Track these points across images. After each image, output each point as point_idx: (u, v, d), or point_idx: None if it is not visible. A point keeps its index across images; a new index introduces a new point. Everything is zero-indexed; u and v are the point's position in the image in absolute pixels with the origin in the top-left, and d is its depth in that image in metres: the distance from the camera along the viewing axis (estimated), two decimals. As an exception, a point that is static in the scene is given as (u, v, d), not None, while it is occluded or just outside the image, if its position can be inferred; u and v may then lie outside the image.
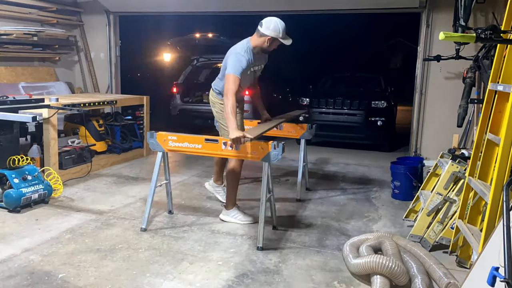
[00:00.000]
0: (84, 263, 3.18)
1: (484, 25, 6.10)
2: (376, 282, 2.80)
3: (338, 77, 10.02)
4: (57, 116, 5.10)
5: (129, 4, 7.95)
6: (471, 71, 4.91)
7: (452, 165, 3.69)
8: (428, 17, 6.55)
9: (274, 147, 3.49)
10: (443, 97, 6.58)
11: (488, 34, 2.50)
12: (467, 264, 3.21)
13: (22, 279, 2.91)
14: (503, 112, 2.90)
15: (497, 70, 3.10)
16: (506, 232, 1.72)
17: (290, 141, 7.61)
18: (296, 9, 7.40)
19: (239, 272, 3.12)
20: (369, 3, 6.87)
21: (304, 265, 3.27)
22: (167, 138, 3.82)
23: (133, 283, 2.91)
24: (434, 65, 6.57)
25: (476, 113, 4.79)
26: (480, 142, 3.25)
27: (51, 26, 7.77)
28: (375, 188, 5.53)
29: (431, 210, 3.68)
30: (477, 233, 2.96)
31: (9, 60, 7.17)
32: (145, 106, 6.96)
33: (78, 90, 8.43)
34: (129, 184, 5.36)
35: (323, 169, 6.57)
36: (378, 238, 3.35)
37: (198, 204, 4.67)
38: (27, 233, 3.71)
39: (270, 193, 3.78)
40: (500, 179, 2.65)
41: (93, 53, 8.49)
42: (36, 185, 4.34)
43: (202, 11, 8.00)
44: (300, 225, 4.15)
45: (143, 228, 3.84)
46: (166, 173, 4.15)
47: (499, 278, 1.70)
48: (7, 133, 4.49)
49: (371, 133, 7.90)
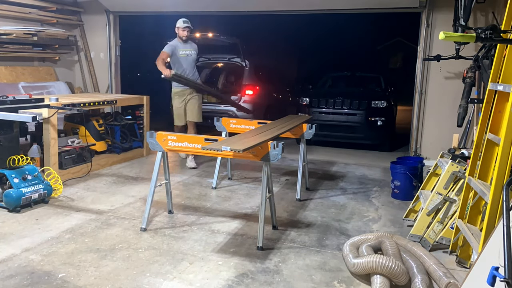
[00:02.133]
0: (84, 263, 3.18)
1: (484, 25, 6.10)
2: (376, 282, 2.80)
3: (338, 76, 10.01)
4: (57, 116, 5.10)
5: (129, 4, 7.95)
6: (471, 71, 4.92)
7: (452, 165, 3.70)
8: (428, 17, 6.55)
9: (273, 147, 3.49)
10: (443, 97, 6.58)
11: (488, 33, 2.50)
12: (467, 264, 3.21)
13: (22, 279, 2.92)
14: (503, 112, 2.90)
15: (497, 70, 3.10)
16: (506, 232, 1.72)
17: (290, 141, 7.62)
18: (296, 9, 7.40)
19: (239, 272, 3.12)
20: (369, 3, 6.87)
21: (304, 265, 3.27)
22: (166, 138, 3.82)
23: (133, 283, 2.91)
24: (434, 65, 6.57)
25: (476, 113, 4.79)
26: (480, 142, 3.25)
27: (51, 26, 7.78)
28: (375, 188, 5.53)
29: (431, 210, 3.68)
30: (477, 233, 2.96)
31: (9, 60, 7.18)
32: (145, 106, 6.96)
33: (78, 90, 8.43)
34: (129, 184, 5.37)
35: (323, 168, 6.57)
36: (378, 238, 3.36)
37: (198, 204, 4.67)
38: (27, 233, 3.71)
39: (270, 193, 3.78)
40: (500, 179, 2.65)
41: (93, 53, 8.50)
42: (36, 185, 4.34)
43: (202, 10, 8.00)
44: (300, 225, 4.15)
45: (143, 228, 3.85)
46: (166, 173, 4.15)
47: (499, 278, 1.70)
48: (7, 132, 4.49)
49: (371, 133, 7.90)
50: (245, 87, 9.10)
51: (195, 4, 7.63)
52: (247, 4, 7.46)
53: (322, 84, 9.69)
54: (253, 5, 7.49)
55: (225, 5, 7.58)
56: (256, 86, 9.26)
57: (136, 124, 7.00)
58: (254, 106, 8.83)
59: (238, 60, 9.56)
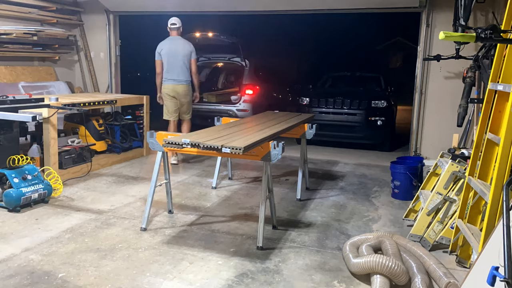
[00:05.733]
0: (84, 263, 3.18)
1: (484, 24, 6.10)
2: (376, 282, 2.80)
3: (338, 76, 10.01)
4: (57, 115, 5.10)
5: (129, 3, 7.95)
6: (471, 71, 4.91)
7: (452, 165, 3.70)
8: (428, 17, 6.55)
9: (274, 146, 3.49)
10: (443, 97, 6.58)
11: (488, 33, 2.50)
12: (467, 264, 3.21)
13: (22, 279, 2.92)
14: (503, 111, 2.90)
15: (497, 69, 3.10)
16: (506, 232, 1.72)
17: (290, 141, 7.62)
18: (296, 9, 7.40)
19: (239, 271, 3.12)
20: (369, 3, 6.87)
21: (304, 265, 3.27)
22: (166, 137, 3.81)
23: (133, 283, 2.91)
24: (434, 65, 6.57)
25: (476, 112, 4.79)
26: (480, 141, 3.25)
27: (51, 25, 7.77)
28: (375, 188, 5.53)
29: (431, 209, 3.68)
30: (477, 233, 2.96)
31: (9, 59, 7.17)
32: (145, 106, 6.96)
33: (78, 89, 8.43)
34: (129, 184, 5.37)
35: (323, 168, 6.57)
36: (378, 238, 3.36)
37: (198, 204, 4.67)
38: (27, 233, 3.71)
39: (270, 192, 3.79)
40: (500, 179, 2.65)
41: (93, 52, 8.49)
42: (36, 184, 4.34)
43: (202, 10, 8.00)
44: (300, 224, 4.15)
45: (143, 227, 3.85)
46: (166, 173, 4.15)
47: (499, 278, 1.70)
48: (7, 132, 4.49)
49: (371, 132, 7.90)
50: (245, 87, 9.11)
51: (194, 4, 7.63)
52: (247, 4, 7.46)
53: (322, 84, 9.69)
54: (253, 5, 7.49)
55: (225, 5, 7.57)
56: (256, 85, 9.26)
57: (136, 124, 7.00)
58: (254, 106, 8.83)
59: (238, 60, 9.56)
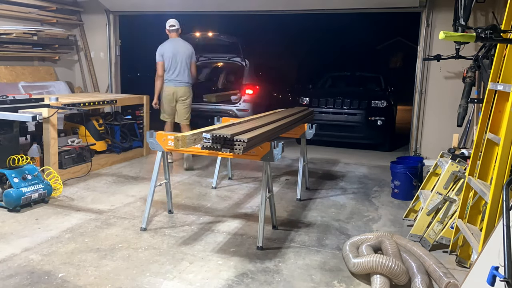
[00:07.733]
0: (84, 263, 3.18)
1: (484, 24, 6.10)
2: (376, 282, 2.80)
3: (338, 76, 10.02)
4: (57, 115, 5.10)
5: (129, 3, 7.95)
6: (471, 71, 4.91)
7: (452, 165, 3.70)
8: (428, 17, 6.55)
9: (273, 146, 3.49)
10: (443, 97, 6.58)
11: (488, 33, 2.50)
12: (467, 264, 3.21)
13: (22, 279, 2.92)
14: (503, 111, 2.90)
15: (497, 69, 3.10)
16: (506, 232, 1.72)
17: (290, 141, 7.61)
18: (296, 9, 7.40)
19: (239, 271, 3.12)
20: (369, 3, 6.87)
21: (304, 265, 3.27)
22: (166, 137, 3.81)
23: (133, 283, 2.91)
24: (434, 65, 6.57)
25: (476, 112, 4.79)
26: (480, 141, 3.25)
27: (51, 25, 7.77)
28: (375, 188, 5.53)
29: (431, 209, 3.68)
30: (477, 233, 2.96)
31: (9, 59, 7.17)
32: (145, 106, 6.96)
33: (78, 89, 8.43)
34: (129, 184, 5.36)
35: (323, 168, 6.57)
36: (378, 238, 3.36)
37: (198, 204, 4.67)
38: (27, 233, 3.71)
39: (270, 192, 3.78)
40: (500, 179, 2.65)
41: (93, 52, 8.49)
42: (36, 184, 4.34)
43: (202, 10, 8.00)
44: (300, 224, 4.15)
45: (143, 227, 3.84)
46: (166, 173, 4.15)
47: (499, 278, 1.70)
48: (7, 132, 4.49)
49: (371, 132, 7.91)
50: (245, 87, 9.11)
51: (194, 4, 7.63)
52: (247, 4, 7.46)
53: (322, 83, 9.69)
54: (253, 5, 7.48)
55: (225, 4, 7.57)
56: (256, 85, 9.26)
57: (136, 123, 7.00)
58: (254, 106, 8.83)
59: (238, 60, 9.56)
